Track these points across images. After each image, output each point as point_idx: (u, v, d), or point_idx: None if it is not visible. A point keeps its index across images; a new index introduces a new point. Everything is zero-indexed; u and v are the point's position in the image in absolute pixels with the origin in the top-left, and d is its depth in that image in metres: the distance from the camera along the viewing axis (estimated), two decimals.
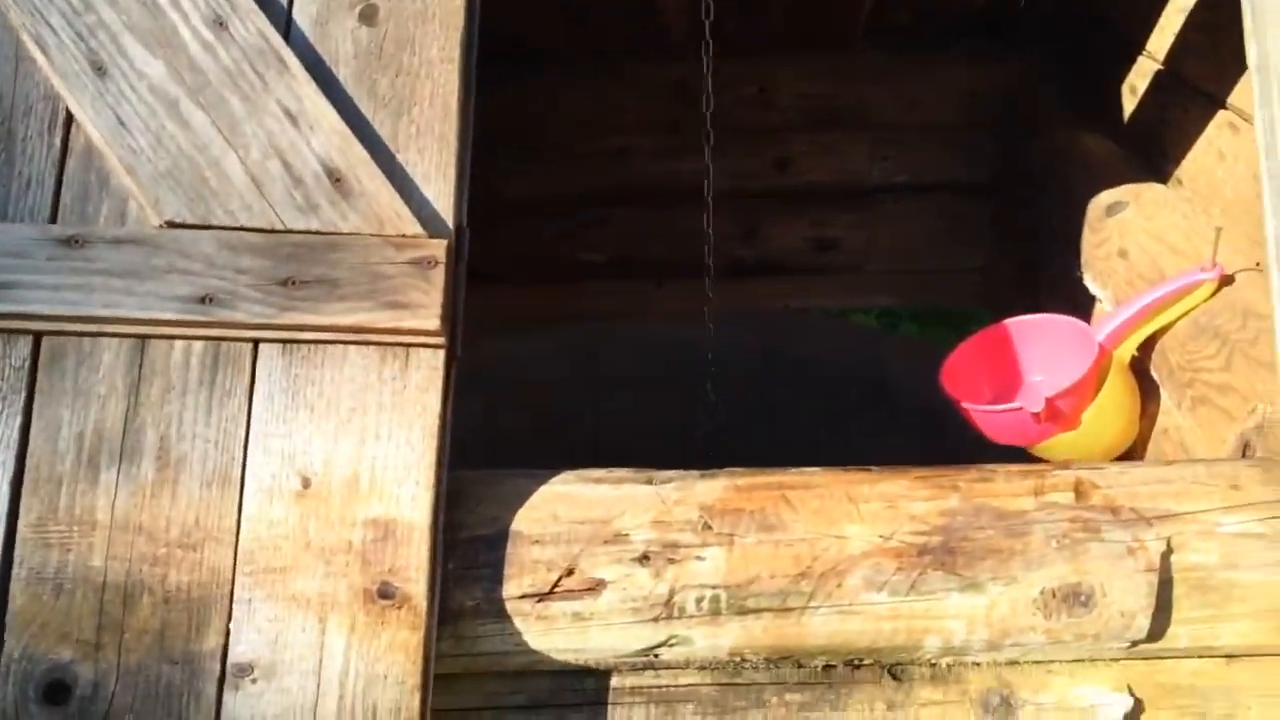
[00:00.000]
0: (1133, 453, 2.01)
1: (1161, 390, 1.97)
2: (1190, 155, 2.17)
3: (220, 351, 1.25)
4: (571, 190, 3.27)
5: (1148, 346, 1.97)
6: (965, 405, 1.96)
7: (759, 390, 3.26)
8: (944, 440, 2.08)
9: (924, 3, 3.05)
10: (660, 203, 3.32)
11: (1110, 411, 1.93)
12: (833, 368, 3.15)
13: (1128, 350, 1.95)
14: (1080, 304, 2.35)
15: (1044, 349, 2.07)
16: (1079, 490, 1.31)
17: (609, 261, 3.32)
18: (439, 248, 1.24)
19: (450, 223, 1.28)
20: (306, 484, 1.22)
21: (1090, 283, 2.30)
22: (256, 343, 1.25)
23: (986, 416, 1.94)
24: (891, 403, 3.11)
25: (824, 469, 1.33)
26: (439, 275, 1.23)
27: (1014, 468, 1.35)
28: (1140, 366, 2.00)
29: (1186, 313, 1.89)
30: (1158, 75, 2.34)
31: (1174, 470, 1.37)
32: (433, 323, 1.23)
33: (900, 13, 3.03)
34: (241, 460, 1.23)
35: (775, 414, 3.26)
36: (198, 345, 1.24)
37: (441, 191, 1.28)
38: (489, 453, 3.32)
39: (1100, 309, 2.25)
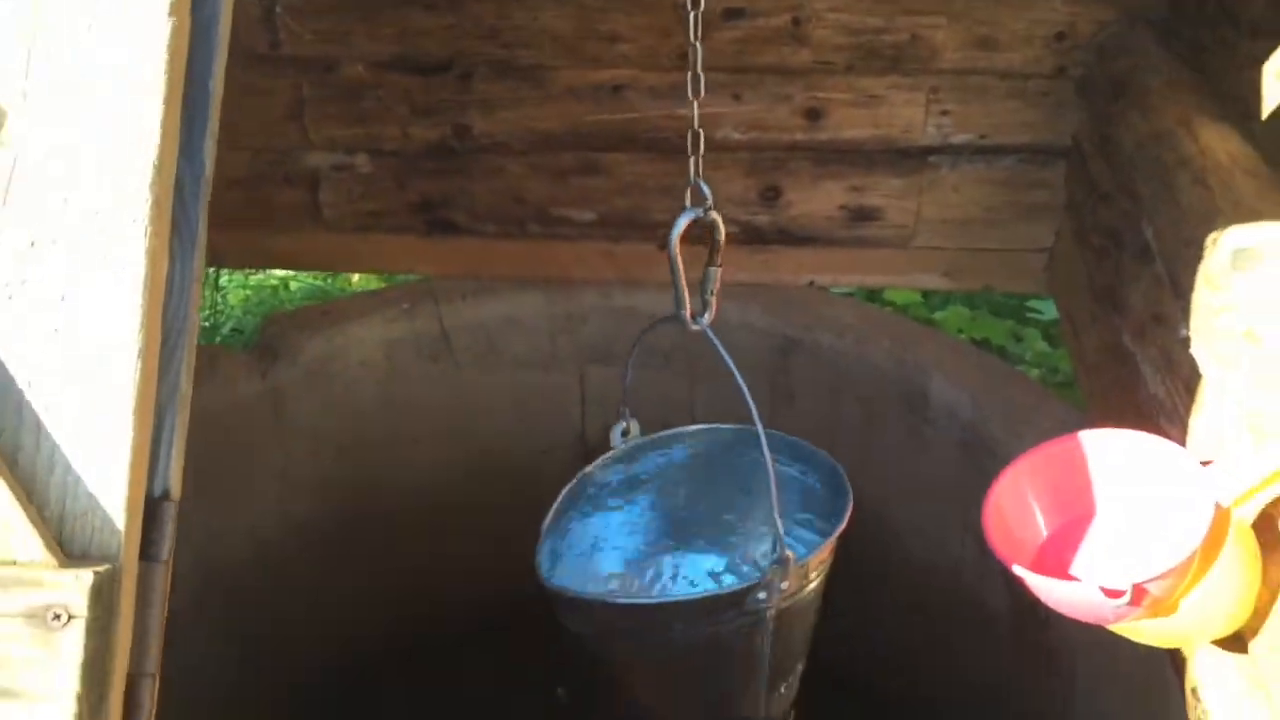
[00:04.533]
0: (1241, 637, 1.42)
1: None
2: None
3: None
4: (557, 131, 2.64)
5: None
6: (1016, 570, 1.36)
7: (771, 383, 2.68)
8: (983, 474, 1.50)
9: None
10: (665, 152, 2.69)
11: (1221, 592, 1.33)
12: (862, 366, 2.55)
13: (1255, 508, 1.34)
14: (1179, 367, 1.72)
15: (1131, 473, 1.45)
16: None
17: (600, 219, 2.71)
18: (76, 588, 0.67)
19: (120, 519, 0.70)
20: None
21: (1202, 357, 1.65)
22: None
23: (1045, 587, 1.35)
24: (927, 417, 2.51)
25: None
26: (74, 639, 0.67)
27: None
28: (1267, 516, 1.39)
29: None
30: None
31: None
32: None
33: None
34: None
35: (790, 414, 2.69)
36: None
37: (107, 460, 0.70)
38: (462, 432, 2.79)
39: (1207, 393, 1.61)
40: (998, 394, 2.43)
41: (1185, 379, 1.73)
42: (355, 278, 3.29)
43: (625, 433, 1.73)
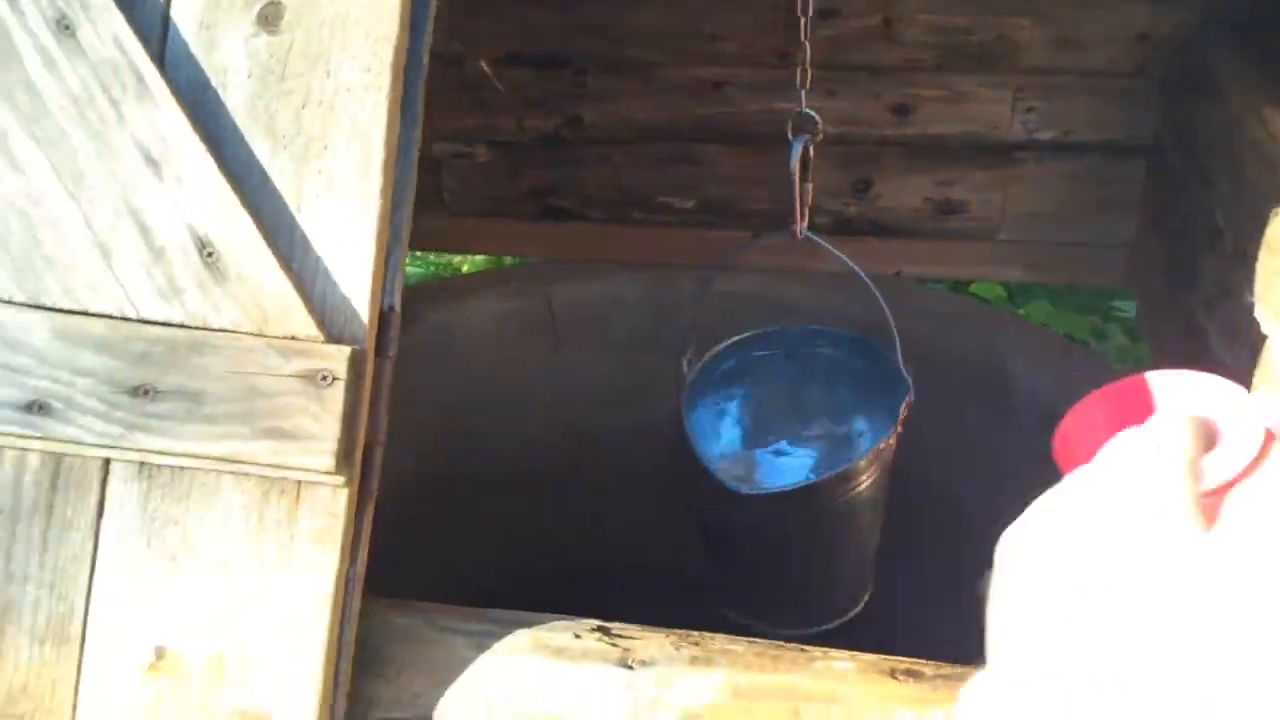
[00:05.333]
0: None
1: None
2: None
3: (62, 468, 0.95)
4: (661, 124, 2.86)
5: None
6: None
7: None
8: None
9: None
10: (760, 145, 2.89)
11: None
12: (946, 349, 2.72)
13: None
14: (1244, 332, 1.88)
15: (1192, 409, 1.62)
16: None
17: (698, 206, 2.92)
18: (339, 358, 0.90)
19: (364, 315, 0.94)
20: (161, 655, 0.93)
21: (1266, 319, 1.81)
22: (108, 462, 0.94)
23: None
24: (1010, 399, 2.67)
25: (855, 664, 0.97)
26: (336, 396, 0.90)
27: None
28: None
29: None
30: None
31: None
32: (324, 460, 0.90)
33: None
34: (83, 614, 0.94)
35: None
36: (33, 457, 0.95)
37: (356, 271, 0.93)
38: (563, 404, 3.02)
39: (1271, 352, 1.78)
40: (1082, 379, 2.58)
41: (1251, 344, 1.89)
42: (465, 266, 3.56)
43: (690, 361, 1.99)
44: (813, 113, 1.69)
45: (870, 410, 1.92)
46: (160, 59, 0.94)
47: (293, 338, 0.91)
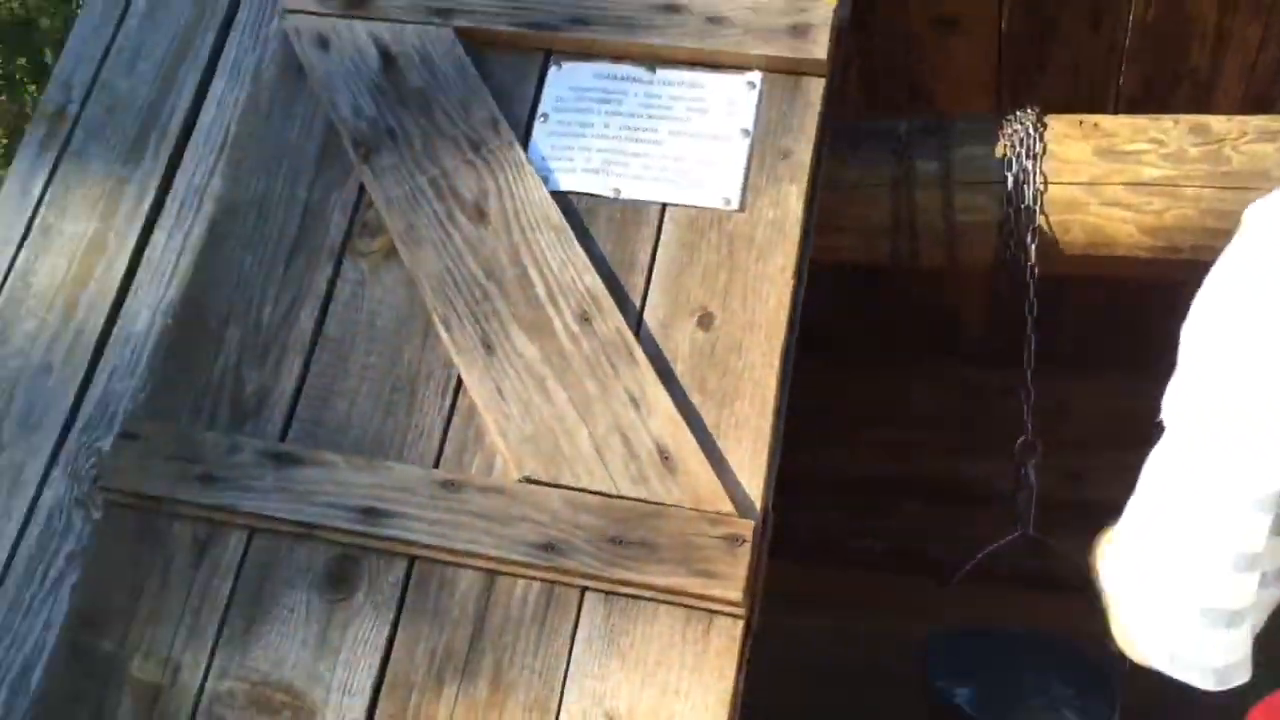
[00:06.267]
0: None
1: None
2: None
3: (553, 594, 1.47)
4: (853, 477, 3.42)
5: None
6: None
7: None
8: None
9: None
10: (944, 503, 3.40)
11: None
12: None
13: None
14: None
15: None
16: None
17: (886, 553, 3.41)
18: (747, 527, 1.44)
19: (758, 506, 1.48)
20: None
21: None
22: (584, 590, 1.47)
23: None
24: None
25: None
26: (745, 552, 1.42)
27: None
28: None
29: None
30: None
31: None
32: (736, 593, 1.41)
33: None
34: (559, 694, 1.43)
35: None
36: (535, 586, 1.48)
37: (752, 478, 1.49)
38: None
39: None
40: None
41: None
42: None
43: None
44: (1037, 441, 2.18)
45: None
46: (637, 338, 1.56)
47: (717, 513, 1.45)
